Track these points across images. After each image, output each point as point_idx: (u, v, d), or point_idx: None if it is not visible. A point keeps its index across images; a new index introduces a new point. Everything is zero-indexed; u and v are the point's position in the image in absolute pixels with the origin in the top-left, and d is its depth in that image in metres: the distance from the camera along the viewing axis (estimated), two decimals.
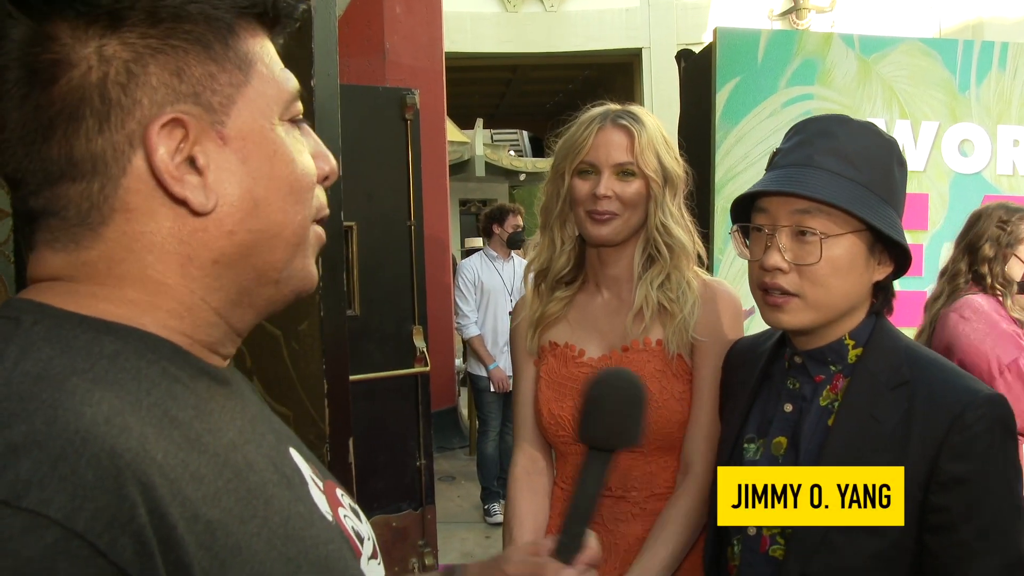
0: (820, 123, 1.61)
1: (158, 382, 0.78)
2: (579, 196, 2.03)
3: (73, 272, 0.81)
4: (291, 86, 0.90)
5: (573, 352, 2.11)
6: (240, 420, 0.87)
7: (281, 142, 0.87)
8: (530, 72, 19.40)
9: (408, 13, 7.25)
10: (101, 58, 0.78)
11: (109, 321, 0.80)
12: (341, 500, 1.00)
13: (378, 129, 4.83)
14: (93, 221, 0.80)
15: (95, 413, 0.68)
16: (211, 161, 0.82)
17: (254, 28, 0.87)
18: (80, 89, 0.77)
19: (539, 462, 2.19)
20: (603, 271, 2.12)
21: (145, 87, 0.79)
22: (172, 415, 0.76)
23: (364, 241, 4.72)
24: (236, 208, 0.84)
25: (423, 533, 5.10)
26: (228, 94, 0.83)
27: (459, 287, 6.60)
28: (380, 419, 4.87)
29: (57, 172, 0.79)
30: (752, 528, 1.63)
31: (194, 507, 0.71)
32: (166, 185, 0.80)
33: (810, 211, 1.51)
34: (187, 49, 0.81)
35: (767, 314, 1.60)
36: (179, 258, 0.83)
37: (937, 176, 4.78)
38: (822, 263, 1.51)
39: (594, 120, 2.05)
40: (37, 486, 0.62)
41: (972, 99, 4.82)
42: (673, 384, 2.01)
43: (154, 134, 0.79)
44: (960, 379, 1.52)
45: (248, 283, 0.88)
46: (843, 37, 4.81)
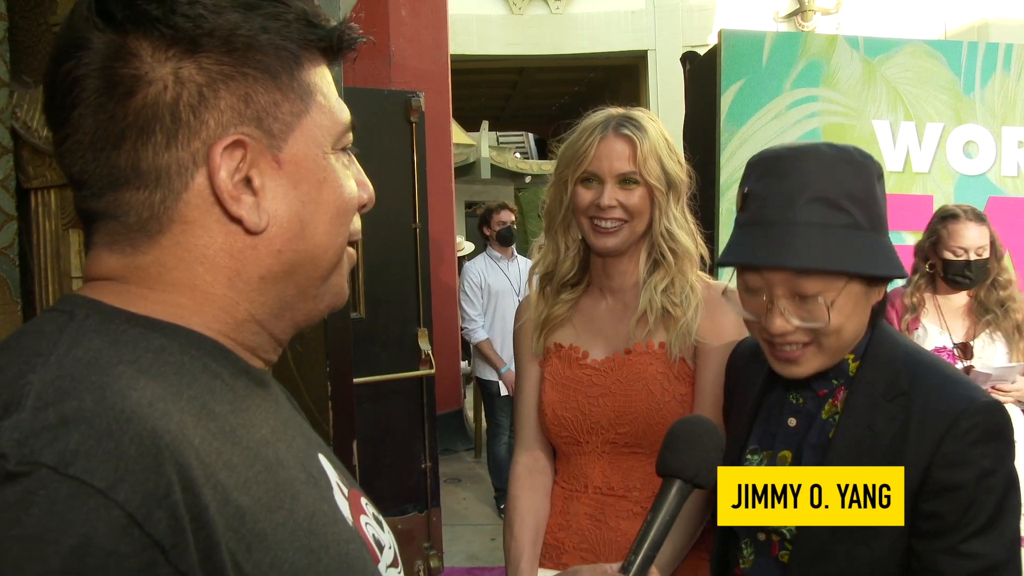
0: (790, 162, 1.49)
1: (199, 377, 0.82)
2: (582, 205, 2.03)
3: (126, 274, 0.86)
4: (345, 117, 0.95)
5: (577, 354, 2.12)
6: (274, 420, 0.91)
7: (331, 169, 0.92)
8: (536, 74, 19.42)
9: (413, 16, 7.26)
10: (177, 79, 0.82)
11: (156, 319, 0.84)
12: (365, 508, 1.04)
13: (383, 132, 4.84)
14: (151, 229, 0.85)
15: (140, 396, 0.73)
16: (266, 183, 0.87)
17: (317, 58, 0.92)
18: (154, 106, 0.81)
19: (540, 461, 2.20)
20: (607, 277, 2.13)
21: (214, 110, 0.83)
22: (210, 408, 0.81)
23: (369, 243, 4.72)
24: (285, 229, 0.88)
25: (429, 535, 5.11)
26: (288, 122, 0.88)
27: (464, 290, 6.47)
28: (385, 421, 4.88)
29: (122, 179, 0.83)
30: (762, 534, 1.62)
31: (225, 492, 0.75)
32: (224, 204, 0.84)
33: (806, 275, 1.45)
34: (256, 77, 0.85)
35: (779, 368, 1.56)
36: (228, 271, 0.87)
37: (942, 177, 4.78)
38: (832, 321, 1.46)
39: (596, 128, 2.04)
40: (84, 456, 0.67)
41: (977, 101, 4.82)
42: (675, 387, 2.01)
43: (217, 155, 0.83)
44: (956, 386, 1.49)
45: (290, 298, 0.92)
46: (848, 39, 4.81)
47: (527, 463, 2.19)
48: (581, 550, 2.05)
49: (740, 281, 1.56)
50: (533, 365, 2.21)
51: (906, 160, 4.77)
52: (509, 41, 16.20)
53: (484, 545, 6.09)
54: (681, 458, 1.29)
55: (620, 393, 2.02)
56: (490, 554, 5.91)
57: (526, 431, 2.21)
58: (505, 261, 6.54)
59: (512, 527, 2.12)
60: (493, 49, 16.13)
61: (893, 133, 4.77)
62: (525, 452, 2.20)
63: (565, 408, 2.08)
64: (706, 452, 1.30)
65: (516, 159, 15.80)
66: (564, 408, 2.08)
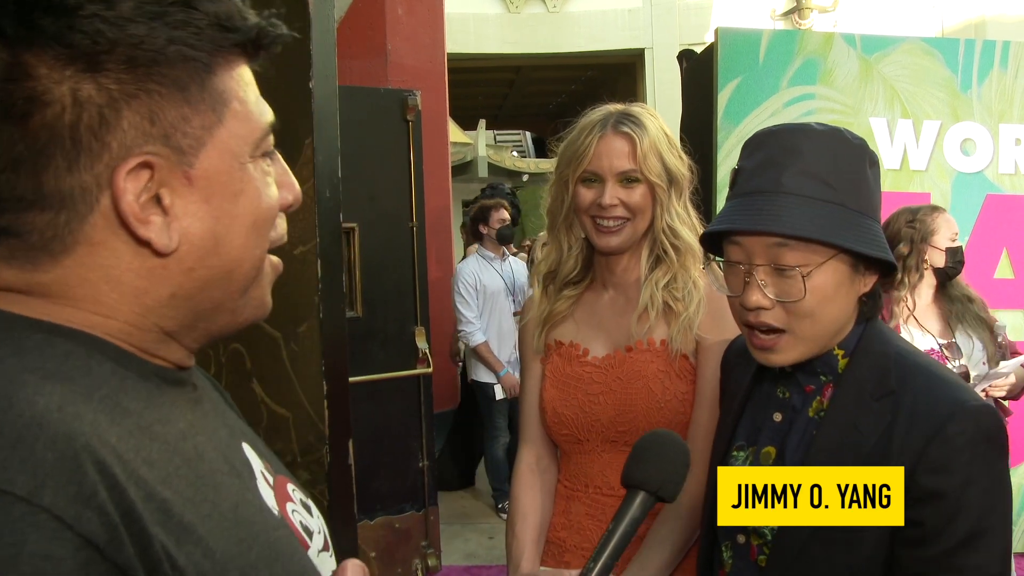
0: (784, 138, 1.49)
1: (108, 379, 0.80)
2: (584, 204, 2.02)
3: (25, 288, 0.82)
4: (264, 121, 0.91)
5: (578, 351, 2.11)
6: (191, 414, 0.89)
7: (248, 180, 0.88)
8: (533, 73, 19.44)
9: (410, 15, 7.25)
10: (76, 101, 0.77)
11: (59, 325, 0.81)
12: (291, 495, 1.02)
13: (380, 130, 4.83)
14: (54, 249, 0.81)
15: (48, 402, 0.71)
16: (176, 201, 0.83)
17: (234, 60, 0.87)
18: (51, 129, 0.77)
19: (543, 460, 2.19)
20: (610, 273, 2.12)
21: (116, 131, 0.79)
22: (124, 406, 0.79)
23: (366, 242, 4.72)
24: (197, 247, 0.85)
25: (426, 534, 5.11)
26: (198, 136, 0.84)
27: (459, 292, 6.29)
28: (383, 420, 4.87)
29: (23, 201, 0.79)
30: (741, 536, 1.61)
31: (148, 487, 0.75)
32: (131, 227, 0.81)
33: (787, 245, 1.42)
34: (162, 93, 0.81)
35: (756, 355, 1.53)
36: (135, 290, 0.84)
37: (939, 175, 4.78)
38: (807, 297, 1.43)
39: (595, 127, 2.02)
40: (1, 470, 0.66)
41: (974, 98, 4.82)
42: (676, 385, 2.01)
43: (121, 179, 0.79)
44: (946, 388, 1.43)
45: (204, 311, 0.90)
46: (844, 37, 4.81)
47: (530, 462, 2.19)
48: (583, 549, 2.04)
49: (724, 254, 1.54)
50: (535, 362, 2.20)
51: (903, 158, 4.77)
52: (506, 40, 16.21)
53: (482, 544, 6.09)
54: (647, 470, 1.30)
55: (620, 391, 2.02)
56: (488, 553, 5.91)
57: (530, 429, 2.20)
58: (498, 261, 6.42)
59: (514, 525, 2.12)
60: (490, 48, 16.15)
61: (890, 131, 4.77)
62: (529, 450, 2.20)
63: (565, 406, 2.08)
64: (672, 466, 1.30)
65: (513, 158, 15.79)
66: (564, 406, 2.08)
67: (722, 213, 1.53)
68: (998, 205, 4.80)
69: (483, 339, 6.23)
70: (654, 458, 1.31)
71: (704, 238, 1.61)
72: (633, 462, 1.32)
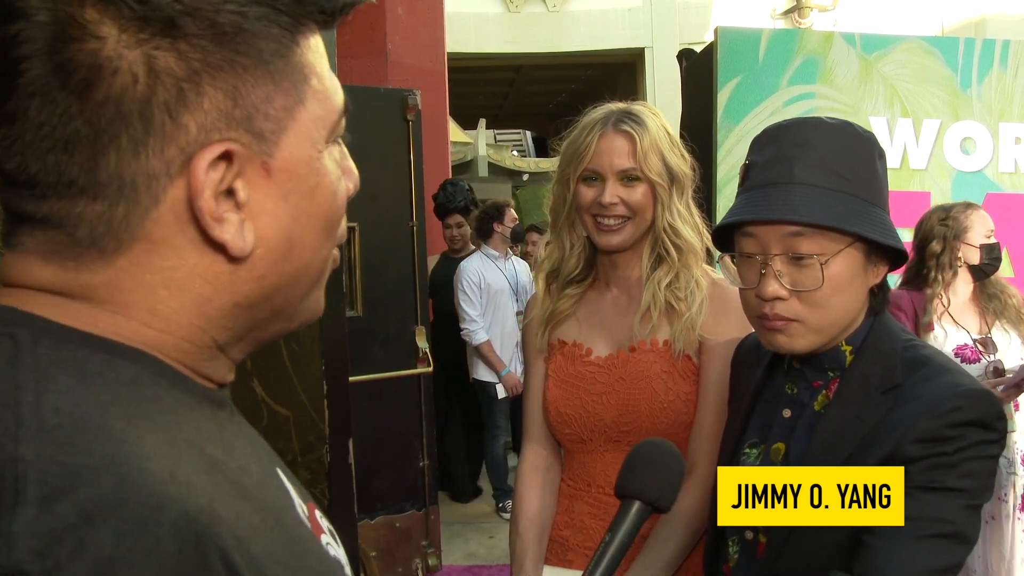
0: (795, 131, 1.52)
1: (178, 411, 0.69)
2: (585, 203, 2.02)
3: (65, 289, 0.70)
4: (339, 101, 0.79)
5: (581, 351, 2.12)
6: (245, 445, 0.78)
7: (324, 172, 0.77)
8: (533, 72, 19.45)
9: (410, 14, 7.25)
10: (151, 70, 0.65)
11: (113, 341, 0.69)
12: (321, 524, 0.90)
13: (380, 130, 4.83)
14: (106, 246, 0.68)
15: (159, 468, 0.60)
16: (252, 197, 0.72)
17: (310, 29, 0.75)
18: (118, 103, 0.65)
19: (547, 458, 2.19)
20: (613, 272, 2.12)
21: (196, 111, 0.67)
22: (208, 454, 0.68)
23: (367, 242, 4.72)
24: (271, 251, 0.74)
25: (427, 534, 5.11)
26: (280, 119, 0.72)
27: (463, 290, 6.26)
28: (383, 420, 4.87)
29: (73, 187, 0.66)
30: (750, 532, 1.61)
31: (260, 566, 0.65)
32: (205, 226, 0.69)
33: (803, 234, 1.44)
34: (246, 66, 0.69)
35: (768, 338, 1.53)
36: (198, 298, 0.72)
37: (939, 174, 4.78)
38: (824, 286, 1.45)
39: (596, 125, 2.02)
40: (123, 564, 0.55)
41: (974, 97, 4.82)
42: (679, 385, 2.00)
43: (203, 169, 0.68)
44: (947, 376, 1.44)
45: (261, 320, 0.79)
46: (844, 36, 4.81)
47: (534, 460, 2.19)
48: (585, 548, 2.05)
49: (737, 248, 1.55)
50: (538, 361, 2.20)
51: (903, 157, 4.77)
52: (506, 39, 16.23)
53: (482, 543, 6.09)
54: (643, 480, 1.28)
55: (623, 391, 2.02)
56: (488, 552, 5.92)
57: (533, 428, 2.21)
58: (502, 260, 6.45)
59: (518, 524, 2.12)
60: (490, 47, 16.16)
61: (890, 130, 4.77)
62: (532, 449, 2.20)
63: (568, 405, 2.08)
64: (668, 476, 1.30)
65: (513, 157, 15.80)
66: (567, 405, 2.08)
67: (735, 206, 1.54)
68: (998, 204, 4.79)
69: (486, 337, 6.23)
70: (649, 468, 1.30)
71: (717, 232, 1.61)
72: (628, 472, 1.31)
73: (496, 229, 6.46)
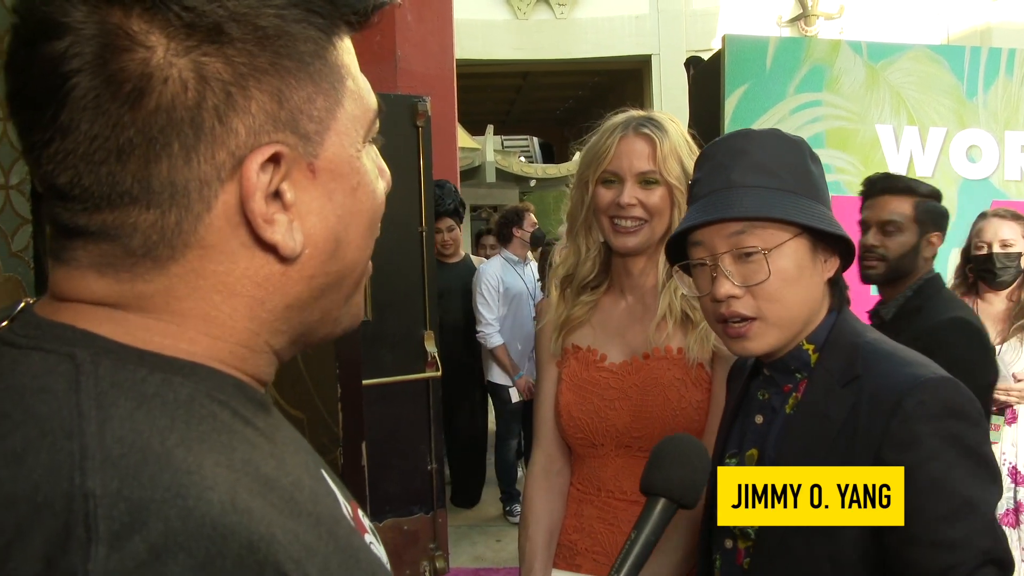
0: (728, 143, 1.59)
1: (234, 428, 0.69)
2: (603, 205, 2.05)
3: (120, 301, 0.70)
4: (373, 102, 0.80)
5: (595, 356, 2.13)
6: (297, 455, 0.77)
7: (365, 171, 0.78)
8: (540, 78, 19.46)
9: (419, 21, 7.28)
10: (200, 77, 0.66)
11: (170, 357, 0.69)
12: (364, 524, 0.89)
13: (390, 136, 4.77)
14: (160, 255, 0.69)
15: (221, 499, 0.61)
16: (299, 197, 0.72)
17: (343, 31, 0.76)
18: (171, 111, 0.66)
19: (557, 462, 2.21)
20: (628, 278, 2.14)
21: (244, 114, 0.68)
22: (263, 474, 0.68)
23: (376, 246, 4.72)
24: (320, 250, 0.75)
25: (434, 536, 5.13)
26: (322, 120, 0.73)
27: (481, 293, 6.32)
28: (392, 423, 4.90)
29: (126, 196, 0.67)
30: (728, 541, 1.63)
31: None
32: (257, 228, 0.70)
33: (745, 231, 1.49)
34: (288, 69, 0.70)
35: (732, 345, 1.57)
36: (251, 301, 0.73)
37: (945, 182, 4.79)
38: (772, 278, 1.48)
39: (616, 128, 2.05)
40: None
41: (979, 105, 4.84)
42: (692, 393, 2.02)
43: (254, 171, 0.68)
44: (906, 367, 1.46)
45: (312, 323, 0.79)
46: (851, 44, 4.84)
47: (544, 464, 2.20)
48: (594, 552, 2.07)
49: (690, 259, 1.59)
50: (551, 365, 2.22)
51: (909, 164, 4.79)
52: (514, 46, 16.25)
53: (490, 546, 6.11)
54: (668, 476, 1.30)
55: (637, 397, 2.03)
56: (495, 555, 5.94)
57: (543, 432, 2.22)
58: (521, 264, 6.51)
59: (527, 528, 2.14)
60: (498, 54, 16.18)
61: (896, 138, 4.79)
62: (542, 453, 2.22)
63: (581, 410, 2.09)
64: (693, 472, 1.31)
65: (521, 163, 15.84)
66: (580, 410, 2.09)
67: (682, 221, 1.60)
68: None
69: (501, 341, 6.27)
70: (675, 464, 1.31)
71: (668, 247, 1.66)
72: (653, 469, 1.32)
73: (515, 234, 6.52)
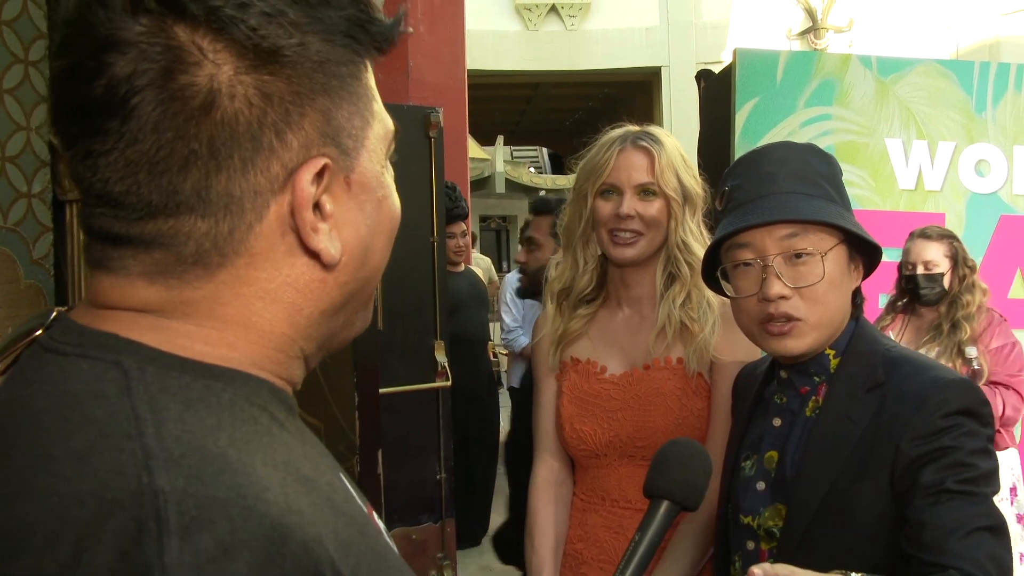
0: (769, 152, 1.65)
1: (272, 431, 0.72)
2: (602, 217, 2.07)
3: (166, 307, 0.73)
4: (390, 123, 0.84)
5: (595, 368, 2.15)
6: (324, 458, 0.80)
7: (387, 186, 0.83)
8: (550, 90, 19.47)
9: (431, 32, 7.31)
10: (263, 95, 0.70)
11: (209, 364, 0.72)
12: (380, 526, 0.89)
13: (403, 146, 4.74)
14: (211, 262, 0.72)
15: (277, 499, 0.64)
16: (336, 208, 0.76)
17: (372, 56, 0.81)
18: (233, 125, 0.69)
19: (559, 473, 2.23)
20: (625, 290, 2.16)
21: (298, 130, 0.72)
22: (303, 474, 0.71)
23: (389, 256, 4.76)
24: (353, 258, 0.79)
25: (443, 546, 5.13)
26: (359, 136, 0.78)
27: (505, 300, 6.40)
28: (401, 432, 4.90)
29: (183, 205, 0.70)
30: (751, 543, 1.66)
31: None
32: (303, 236, 0.74)
33: (798, 233, 1.54)
34: (335, 88, 0.75)
35: (773, 344, 1.60)
36: (290, 307, 0.76)
37: (954, 196, 4.81)
38: (824, 280, 1.53)
39: (615, 142, 2.09)
40: None
41: (988, 120, 4.84)
42: (693, 402, 2.04)
43: (307, 182, 0.73)
44: (928, 371, 1.52)
45: (336, 328, 0.83)
46: (861, 58, 4.85)
47: (547, 474, 2.22)
48: (600, 561, 2.08)
49: (731, 261, 1.63)
50: (550, 379, 2.24)
51: (918, 178, 4.80)
52: (524, 57, 16.27)
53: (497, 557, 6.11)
54: (671, 479, 1.32)
55: (639, 408, 2.05)
56: (503, 567, 5.93)
57: (545, 443, 2.24)
58: None
59: (533, 539, 2.16)
60: (508, 64, 16.20)
61: (906, 151, 4.80)
62: (544, 464, 2.23)
63: (583, 422, 2.11)
64: (695, 475, 1.33)
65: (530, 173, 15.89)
66: (583, 422, 2.11)
67: (724, 224, 1.63)
68: (1012, 226, 4.82)
69: (527, 341, 6.13)
70: (677, 467, 1.33)
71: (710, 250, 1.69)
72: (656, 472, 1.34)
73: None
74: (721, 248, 1.64)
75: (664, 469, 1.34)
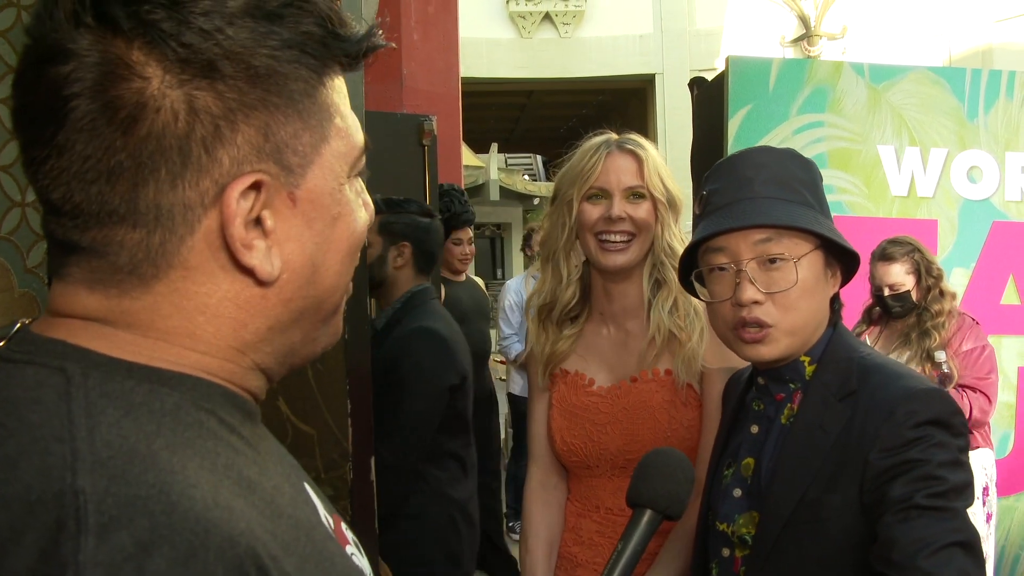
0: (747, 157, 1.63)
1: (219, 435, 0.73)
2: (589, 221, 2.06)
3: (108, 317, 0.74)
4: (360, 139, 0.84)
5: (583, 381, 2.15)
6: (280, 465, 0.83)
7: (346, 203, 0.82)
8: (544, 97, 19.51)
9: (425, 40, 7.31)
10: (191, 109, 0.70)
11: (159, 369, 0.73)
12: (347, 536, 0.92)
13: (396, 155, 4.87)
14: (145, 272, 0.73)
15: (203, 495, 0.65)
16: (279, 224, 0.76)
17: (335, 71, 0.80)
18: (160, 138, 0.69)
19: (553, 477, 2.24)
20: (609, 304, 2.14)
21: (230, 146, 0.72)
22: (245, 476, 0.72)
23: None
24: (297, 275, 0.78)
25: None
26: (307, 154, 0.77)
27: (503, 308, 6.41)
28: None
29: (114, 216, 0.71)
30: (726, 550, 1.66)
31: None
32: (235, 252, 0.74)
33: (772, 238, 1.53)
34: (278, 105, 0.74)
35: (746, 350, 1.59)
36: (233, 322, 0.77)
37: (946, 202, 4.82)
38: (797, 285, 1.52)
39: (600, 147, 2.08)
40: None
41: (980, 127, 4.86)
42: (683, 413, 2.04)
43: (234, 199, 0.72)
44: (900, 380, 1.51)
45: (294, 344, 0.83)
46: (853, 66, 4.86)
47: (541, 479, 2.24)
48: (595, 564, 2.09)
49: (706, 265, 1.62)
50: (543, 394, 2.24)
51: (911, 185, 4.81)
52: (518, 64, 16.32)
53: None
54: (654, 488, 1.33)
55: (627, 421, 2.05)
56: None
57: (538, 449, 2.25)
58: None
59: (527, 541, 2.18)
60: (502, 72, 16.24)
61: (898, 158, 4.81)
62: (538, 468, 2.25)
63: (573, 435, 2.12)
64: (677, 484, 1.34)
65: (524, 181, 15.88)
66: (572, 435, 2.12)
67: (700, 229, 1.62)
68: (1004, 232, 4.84)
69: (522, 348, 6.17)
70: (659, 476, 1.34)
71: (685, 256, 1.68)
72: (638, 481, 1.35)
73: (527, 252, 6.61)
74: (697, 252, 1.64)
75: (646, 478, 1.35)
